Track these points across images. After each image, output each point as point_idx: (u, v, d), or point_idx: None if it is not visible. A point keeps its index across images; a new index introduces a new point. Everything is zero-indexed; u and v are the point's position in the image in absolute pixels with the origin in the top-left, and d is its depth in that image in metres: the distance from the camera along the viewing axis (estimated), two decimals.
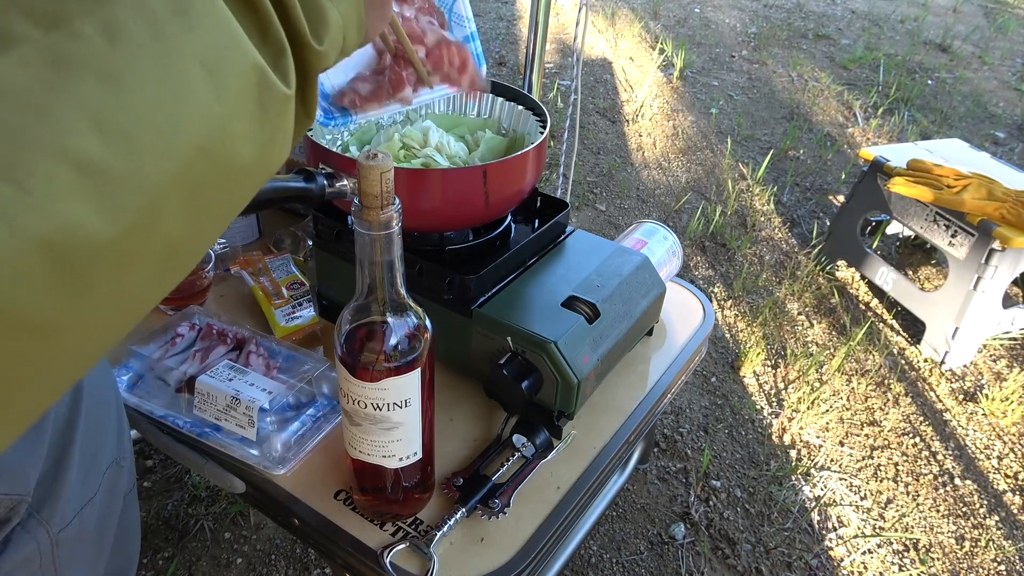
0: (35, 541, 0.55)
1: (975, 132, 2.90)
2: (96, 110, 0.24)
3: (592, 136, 2.58)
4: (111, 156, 0.25)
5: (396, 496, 0.67)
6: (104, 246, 0.25)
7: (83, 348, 0.27)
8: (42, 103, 0.23)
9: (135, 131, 0.25)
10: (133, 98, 0.25)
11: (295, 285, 0.98)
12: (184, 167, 0.27)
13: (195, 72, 0.27)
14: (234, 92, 0.29)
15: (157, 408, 0.77)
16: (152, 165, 0.26)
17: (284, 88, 0.32)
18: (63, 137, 0.23)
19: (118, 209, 0.25)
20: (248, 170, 0.32)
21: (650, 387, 0.88)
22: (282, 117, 0.33)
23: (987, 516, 1.34)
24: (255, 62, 0.30)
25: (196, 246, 0.31)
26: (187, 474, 1.25)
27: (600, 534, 1.23)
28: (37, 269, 0.23)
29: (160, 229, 0.27)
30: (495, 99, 0.95)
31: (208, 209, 0.30)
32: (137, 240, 0.26)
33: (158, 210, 0.27)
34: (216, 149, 0.29)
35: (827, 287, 1.92)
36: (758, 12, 4.06)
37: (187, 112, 0.27)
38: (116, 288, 0.27)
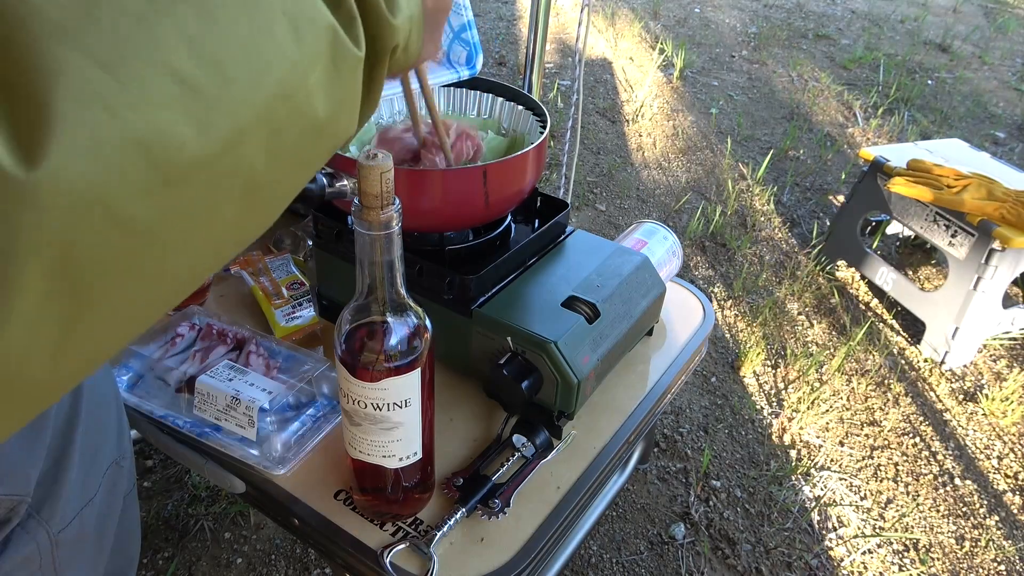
0: (35, 541, 0.55)
1: (975, 132, 2.90)
2: (192, 34, 0.26)
3: (592, 136, 2.58)
4: (203, 77, 0.27)
5: (396, 496, 0.67)
6: (194, 160, 0.27)
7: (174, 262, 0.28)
8: (144, 17, 0.25)
9: (226, 60, 0.27)
10: (225, 30, 0.28)
11: (295, 285, 0.98)
12: (266, 104, 0.29)
13: (278, 19, 0.30)
14: (312, 44, 0.31)
15: (157, 408, 0.77)
16: (239, 93, 0.28)
17: (356, 50, 0.34)
18: (161, 50, 0.25)
19: (207, 126, 0.27)
20: (322, 127, 0.33)
21: (650, 387, 0.88)
22: (354, 80, 0.35)
23: (987, 516, 1.34)
24: (330, 22, 0.32)
25: (277, 189, 0.33)
26: (187, 474, 1.25)
27: (600, 534, 1.23)
28: (136, 168, 0.25)
29: (244, 158, 0.29)
30: (495, 99, 0.95)
31: (286, 155, 0.32)
32: (223, 162, 0.28)
33: (242, 138, 0.28)
34: (295, 94, 0.31)
35: (827, 287, 1.92)
36: (758, 12, 4.06)
37: (271, 53, 0.29)
38: (205, 208, 0.28)
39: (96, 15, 0.24)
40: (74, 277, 0.24)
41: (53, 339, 0.25)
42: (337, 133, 0.35)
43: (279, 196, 0.34)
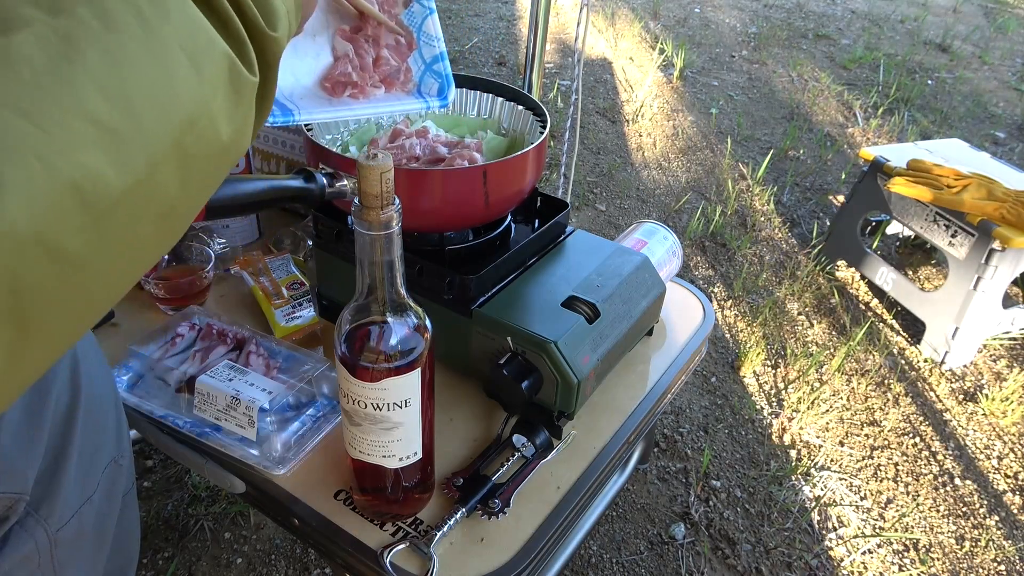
0: (33, 540, 0.55)
1: (975, 132, 2.90)
2: (102, 79, 0.29)
3: (592, 136, 2.58)
4: (117, 117, 0.29)
5: (396, 496, 0.67)
6: (118, 195, 0.29)
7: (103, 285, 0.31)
8: (59, 70, 0.27)
9: (135, 99, 0.30)
10: (132, 73, 0.30)
11: (295, 285, 0.98)
12: (175, 135, 0.32)
13: (177, 55, 0.32)
14: (211, 75, 0.34)
15: (157, 408, 0.77)
16: (149, 128, 0.30)
17: (250, 76, 0.37)
18: (78, 98, 0.28)
19: (127, 164, 0.29)
20: (227, 148, 0.36)
21: (650, 387, 0.88)
22: (250, 101, 0.38)
23: (987, 516, 1.34)
24: (224, 51, 0.35)
25: (186, 211, 0.36)
26: (187, 474, 1.25)
27: (600, 534, 1.23)
28: (69, 207, 0.27)
29: (159, 186, 0.32)
30: (495, 99, 0.95)
31: (196, 177, 0.34)
32: (142, 194, 0.31)
33: (157, 170, 0.31)
34: (201, 124, 0.33)
35: (827, 287, 1.92)
36: (758, 12, 4.06)
37: (176, 88, 0.32)
38: (128, 236, 0.31)
39: (14, 70, 0.26)
40: (18, 308, 0.27)
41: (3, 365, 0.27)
42: (237, 153, 0.38)
43: (188, 215, 0.36)
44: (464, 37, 3.35)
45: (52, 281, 0.28)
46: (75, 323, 0.31)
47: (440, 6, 0.81)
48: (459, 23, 3.51)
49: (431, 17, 0.80)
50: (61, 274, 0.28)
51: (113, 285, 0.32)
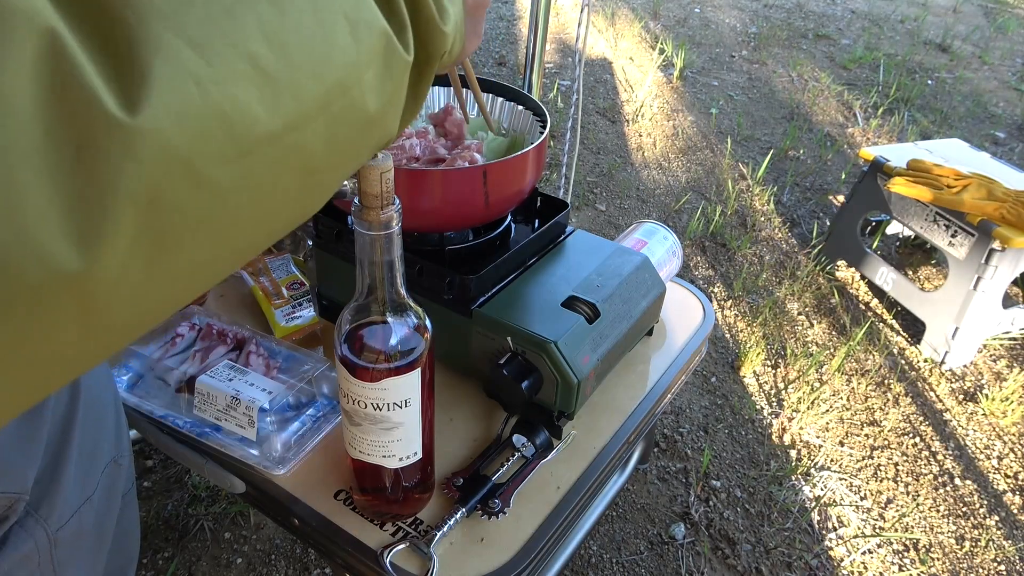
0: (33, 539, 0.55)
1: (975, 132, 2.90)
2: (268, 25, 0.30)
3: (592, 136, 2.58)
4: (275, 63, 0.30)
5: (396, 496, 0.67)
6: (265, 135, 0.30)
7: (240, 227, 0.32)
8: (229, 8, 0.29)
9: (294, 50, 0.31)
10: (294, 25, 0.31)
11: (295, 285, 0.98)
12: (326, 94, 0.33)
13: (340, 21, 0.34)
14: (368, 46, 0.35)
15: (157, 408, 0.77)
16: (304, 81, 0.32)
17: (406, 55, 0.38)
18: (242, 36, 0.29)
19: (277, 107, 0.31)
20: (373, 121, 0.37)
21: (650, 387, 0.88)
22: (402, 81, 0.39)
23: (987, 516, 1.34)
24: (384, 28, 0.36)
25: (330, 175, 0.36)
26: (187, 474, 1.25)
27: (600, 534, 1.23)
28: (216, 134, 0.28)
29: (305, 140, 0.33)
30: (495, 99, 0.95)
31: (340, 142, 0.35)
32: (287, 141, 0.32)
33: (305, 122, 0.32)
34: (351, 88, 0.35)
35: (827, 287, 1.92)
36: (758, 12, 4.06)
37: (332, 49, 0.33)
38: (271, 180, 0.32)
39: (194, 5, 0.28)
40: (159, 225, 0.27)
41: (137, 279, 0.28)
42: (384, 130, 0.39)
43: (330, 181, 0.37)
44: None
45: (192, 204, 0.28)
46: (212, 260, 0.31)
47: None
48: None
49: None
50: (202, 200, 0.29)
51: (253, 230, 0.33)
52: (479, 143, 0.87)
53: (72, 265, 0.25)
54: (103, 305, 0.27)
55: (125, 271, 0.27)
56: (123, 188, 0.25)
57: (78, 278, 0.25)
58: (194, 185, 0.28)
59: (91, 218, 0.25)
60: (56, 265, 0.24)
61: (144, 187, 0.26)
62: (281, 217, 0.35)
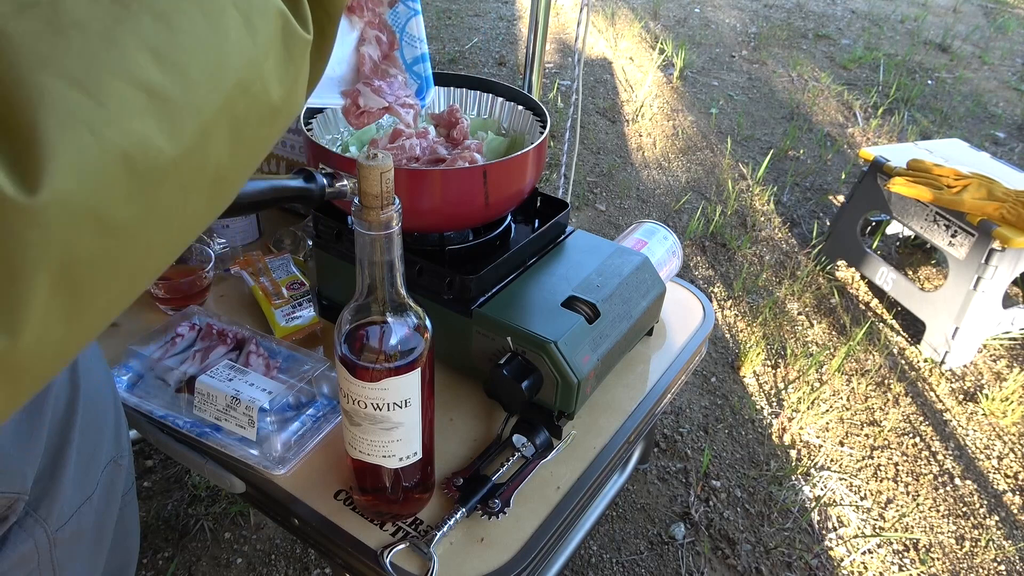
0: (32, 540, 0.55)
1: (975, 132, 2.90)
2: (154, 43, 0.28)
3: (592, 136, 2.58)
4: (169, 83, 0.28)
5: (396, 496, 0.67)
6: (168, 164, 0.29)
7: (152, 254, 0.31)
8: (109, 33, 0.27)
9: (187, 63, 0.29)
10: (183, 35, 0.29)
11: (295, 285, 0.98)
12: (227, 99, 0.31)
13: (231, 14, 0.31)
14: (264, 34, 0.33)
15: (157, 408, 0.77)
16: (203, 94, 0.30)
17: (304, 33, 0.36)
18: (129, 64, 0.27)
19: (177, 131, 0.29)
20: (278, 109, 0.35)
21: (650, 387, 0.88)
22: (303, 60, 0.37)
23: (987, 516, 1.34)
24: (279, 8, 0.34)
25: (237, 176, 0.35)
26: (187, 474, 1.25)
27: (600, 534, 1.23)
28: (119, 177, 0.27)
29: (210, 154, 0.31)
30: (495, 99, 0.95)
31: (247, 141, 0.34)
32: (193, 162, 0.30)
33: (208, 136, 0.31)
34: (253, 85, 0.33)
35: (827, 287, 1.92)
36: (758, 12, 4.06)
37: (228, 49, 0.31)
38: (178, 204, 0.31)
39: (65, 36, 0.26)
40: (73, 282, 0.27)
41: (58, 336, 0.27)
42: (289, 114, 0.37)
43: (238, 181, 0.36)
44: (464, 37, 3.35)
45: (103, 250, 0.28)
46: (126, 290, 0.31)
47: (440, 6, 0.81)
48: (459, 23, 3.51)
49: (416, 18, 0.80)
50: (111, 243, 0.28)
51: (163, 253, 0.32)
52: (479, 143, 0.87)
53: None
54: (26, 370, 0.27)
55: (45, 334, 0.26)
56: (32, 260, 0.25)
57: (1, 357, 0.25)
58: (103, 233, 0.27)
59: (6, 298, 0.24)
60: None
61: (54, 252, 0.25)
62: (189, 234, 0.34)
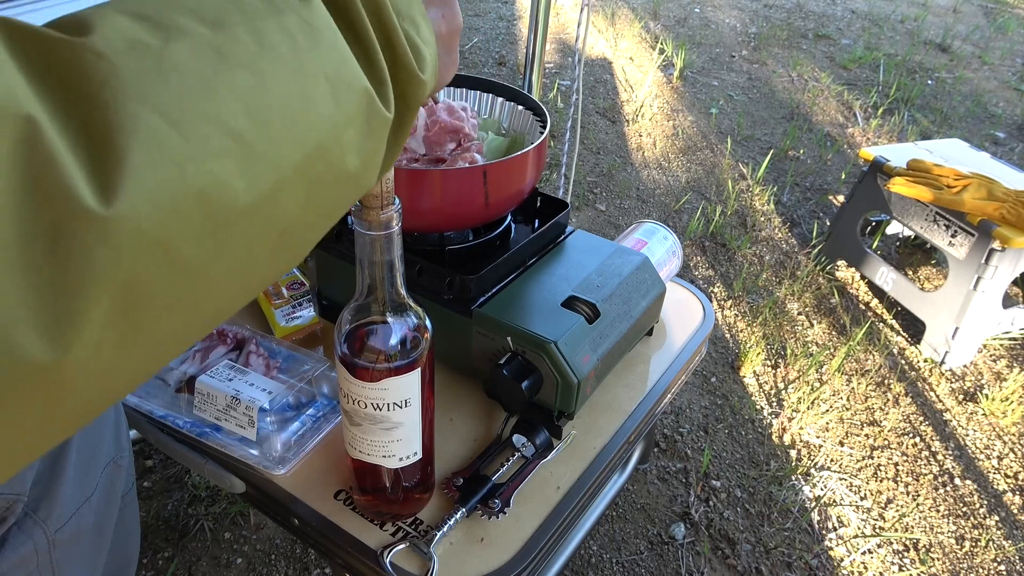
0: (32, 541, 0.55)
1: (975, 132, 2.90)
2: (246, 95, 0.30)
3: (592, 136, 2.58)
4: (254, 133, 0.30)
5: (396, 496, 0.67)
6: (242, 208, 0.30)
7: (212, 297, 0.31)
8: (207, 80, 0.29)
9: (273, 120, 0.31)
10: (274, 93, 0.31)
11: (295, 285, 0.98)
12: (306, 158, 0.33)
13: (320, 82, 0.33)
14: (349, 106, 0.35)
15: (157, 408, 0.77)
16: (284, 149, 0.31)
17: (386, 112, 0.37)
18: (220, 110, 0.29)
19: (255, 178, 0.30)
20: (353, 177, 0.37)
21: (650, 387, 0.88)
22: (382, 137, 0.38)
23: (987, 516, 1.34)
24: (365, 86, 0.36)
25: (306, 235, 0.36)
26: (187, 474, 1.25)
27: (600, 534, 1.23)
28: (193, 213, 0.28)
29: (282, 207, 0.32)
30: (495, 99, 0.95)
31: (318, 202, 0.35)
32: (265, 210, 0.31)
33: (283, 189, 0.32)
34: (331, 150, 0.34)
35: (827, 287, 1.92)
36: (758, 12, 4.06)
37: (313, 113, 0.33)
38: (245, 250, 0.31)
39: (168, 77, 0.27)
40: (132, 308, 0.27)
41: (108, 362, 0.27)
42: (363, 185, 0.38)
43: (307, 241, 0.37)
44: (464, 37, 3.35)
45: (166, 284, 0.28)
46: (185, 331, 0.31)
47: None
48: None
49: None
50: (175, 277, 0.28)
51: (227, 298, 0.33)
52: (479, 143, 0.87)
53: (43, 358, 0.24)
54: (70, 392, 0.26)
55: (97, 356, 0.26)
56: (97, 277, 0.25)
57: (48, 369, 0.25)
58: (169, 265, 0.28)
59: (64, 309, 0.25)
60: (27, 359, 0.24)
61: (118, 274, 0.26)
62: (253, 283, 0.34)
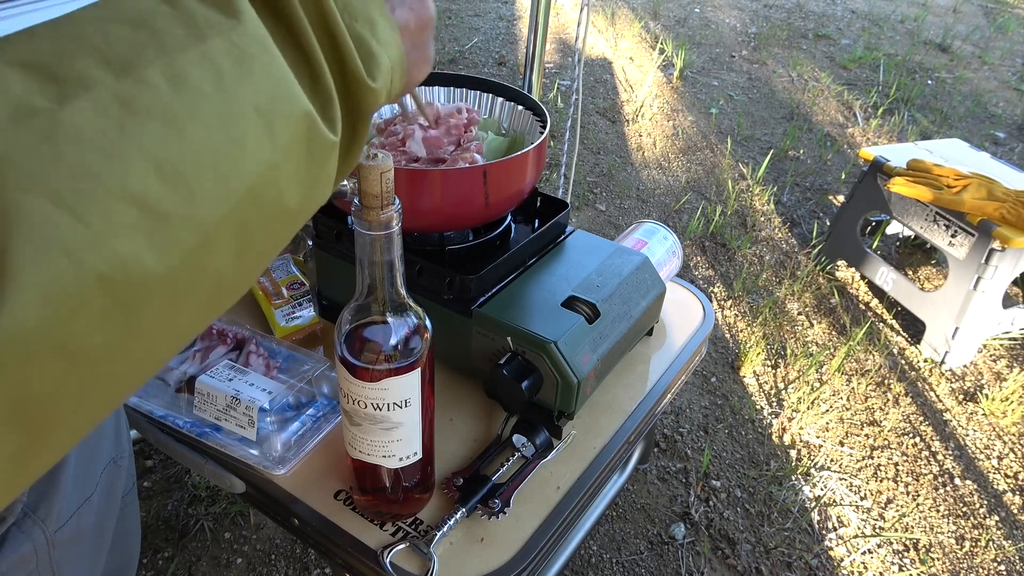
0: (31, 541, 0.55)
1: (975, 132, 2.90)
2: (159, 153, 0.25)
3: (592, 136, 2.58)
4: (168, 197, 0.26)
5: (396, 496, 0.67)
6: (156, 281, 0.26)
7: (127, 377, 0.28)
8: (110, 146, 0.24)
9: (193, 174, 0.27)
10: (194, 143, 0.27)
11: (295, 285, 0.98)
12: (235, 208, 0.28)
13: (251, 118, 0.29)
14: (286, 138, 0.30)
15: (157, 408, 0.77)
16: (206, 206, 0.27)
17: (331, 135, 0.33)
18: (126, 178, 0.24)
19: (171, 246, 0.26)
20: (295, 212, 0.33)
21: (650, 387, 0.88)
22: (327, 162, 0.34)
23: (987, 516, 1.34)
24: (306, 109, 0.31)
25: (241, 282, 0.32)
26: (187, 474, 1.25)
27: (600, 534, 1.23)
28: (94, 303, 0.24)
29: (209, 266, 0.28)
30: (495, 99, 0.95)
31: (254, 248, 0.31)
32: (187, 276, 0.27)
33: (208, 248, 0.28)
34: (266, 192, 0.30)
35: (827, 287, 1.92)
36: (758, 12, 4.06)
37: (242, 157, 0.28)
38: (165, 321, 0.28)
39: (61, 151, 0.23)
40: (25, 415, 0.24)
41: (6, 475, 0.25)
42: (310, 211, 0.35)
43: (240, 288, 0.33)
44: (464, 37, 3.35)
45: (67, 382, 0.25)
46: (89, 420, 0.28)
47: (440, 6, 0.82)
48: (459, 23, 3.51)
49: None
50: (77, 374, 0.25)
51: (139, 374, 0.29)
52: (479, 143, 0.87)
53: None
54: None
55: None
56: None
57: None
58: (69, 364, 0.24)
59: None
60: None
61: (7, 392, 0.22)
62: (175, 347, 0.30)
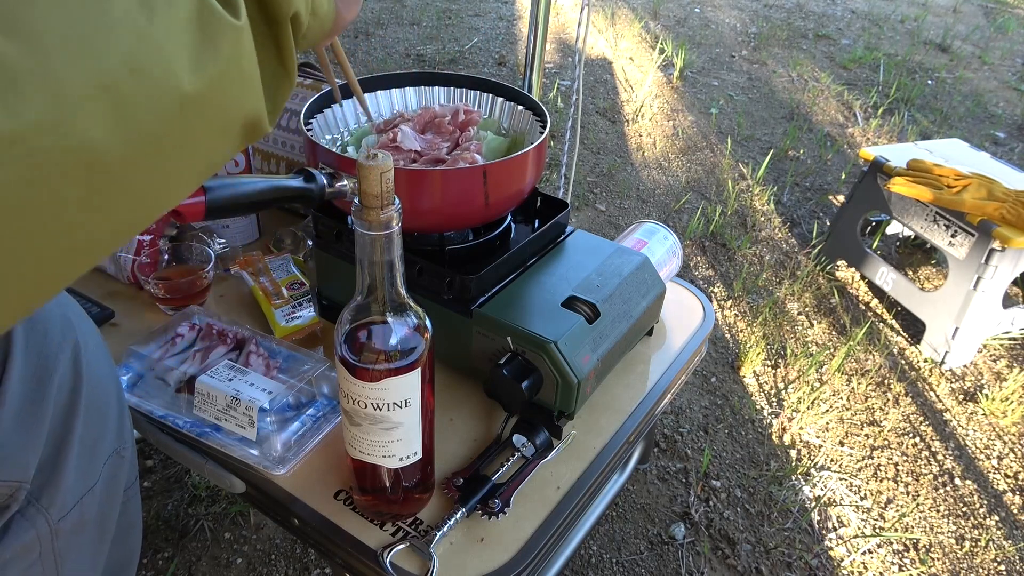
0: (34, 529, 0.55)
1: (975, 132, 2.90)
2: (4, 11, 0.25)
3: (592, 136, 2.58)
4: (14, 51, 0.25)
5: (396, 496, 0.67)
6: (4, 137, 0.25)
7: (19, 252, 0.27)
8: None
9: (44, 33, 0.26)
10: (45, 7, 0.26)
11: (295, 285, 0.98)
12: (106, 74, 0.28)
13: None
14: (166, 14, 0.30)
15: (157, 408, 0.77)
16: (62, 64, 0.27)
17: (231, 18, 0.32)
18: None
19: (21, 102, 0.26)
20: (192, 99, 0.31)
21: (650, 387, 0.88)
22: (236, 51, 0.33)
23: (987, 516, 1.34)
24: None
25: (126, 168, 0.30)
26: (187, 474, 1.25)
27: (600, 534, 1.23)
28: None
29: (78, 130, 0.28)
30: (495, 99, 0.95)
31: (141, 127, 0.30)
32: (45, 138, 0.26)
33: (72, 112, 0.27)
34: (150, 67, 0.29)
35: (827, 287, 1.92)
36: (758, 12, 4.06)
37: (107, 23, 0.28)
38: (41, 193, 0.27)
39: None
40: None
41: None
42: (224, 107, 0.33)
43: (130, 174, 0.31)
44: (464, 37, 3.35)
45: None
46: None
47: (440, 6, 0.82)
48: (459, 23, 3.51)
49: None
50: None
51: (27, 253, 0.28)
52: (479, 143, 0.87)
53: None
54: None
55: None
56: None
57: None
58: None
59: None
60: None
61: None
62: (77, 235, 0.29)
